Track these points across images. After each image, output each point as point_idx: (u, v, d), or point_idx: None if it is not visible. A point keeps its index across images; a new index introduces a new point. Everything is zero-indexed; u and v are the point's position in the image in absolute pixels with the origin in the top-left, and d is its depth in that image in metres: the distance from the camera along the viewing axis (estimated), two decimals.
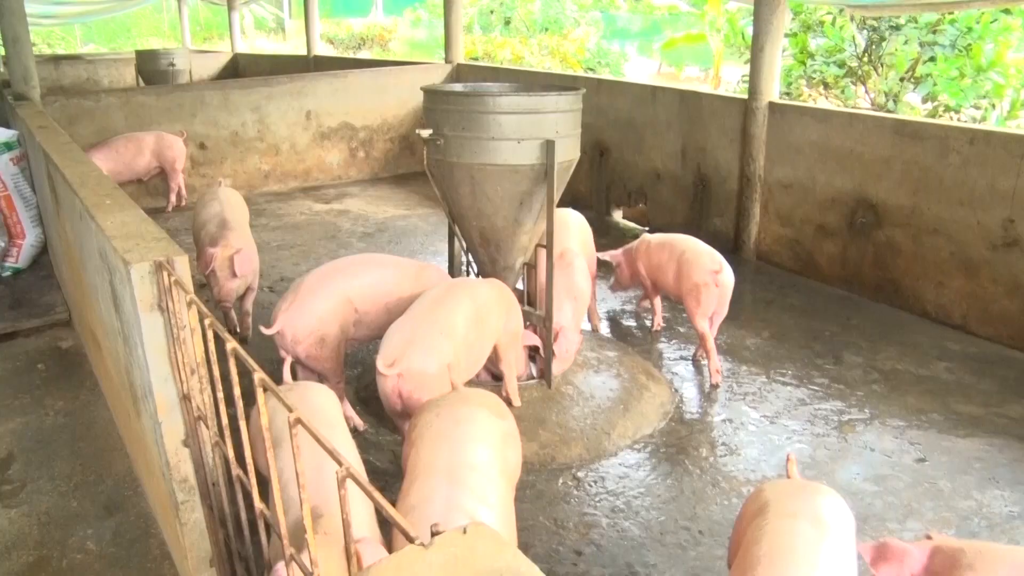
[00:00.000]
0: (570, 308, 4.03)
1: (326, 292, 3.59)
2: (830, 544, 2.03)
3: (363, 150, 9.07)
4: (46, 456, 3.60)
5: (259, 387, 1.52)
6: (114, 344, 2.77)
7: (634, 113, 7.09)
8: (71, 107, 7.36)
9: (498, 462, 2.42)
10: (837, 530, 2.09)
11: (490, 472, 2.33)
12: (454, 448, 2.39)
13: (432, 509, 2.16)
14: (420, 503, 2.20)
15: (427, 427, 2.54)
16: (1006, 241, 4.58)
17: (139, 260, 2.01)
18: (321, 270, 3.74)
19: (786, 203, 5.87)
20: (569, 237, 4.33)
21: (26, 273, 5.70)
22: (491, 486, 2.28)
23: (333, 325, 3.57)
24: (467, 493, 2.20)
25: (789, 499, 2.19)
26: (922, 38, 8.02)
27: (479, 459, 2.36)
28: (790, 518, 2.10)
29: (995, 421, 3.86)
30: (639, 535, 3.08)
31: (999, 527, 3.10)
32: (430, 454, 2.39)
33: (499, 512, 2.23)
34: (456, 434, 2.45)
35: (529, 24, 18.51)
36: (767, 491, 2.28)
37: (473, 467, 2.31)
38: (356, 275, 3.73)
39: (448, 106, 3.58)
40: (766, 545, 2.04)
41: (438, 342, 3.15)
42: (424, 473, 2.32)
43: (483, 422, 2.54)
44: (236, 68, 14.18)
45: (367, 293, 3.71)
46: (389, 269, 3.85)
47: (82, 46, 24.58)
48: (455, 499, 2.18)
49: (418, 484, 2.28)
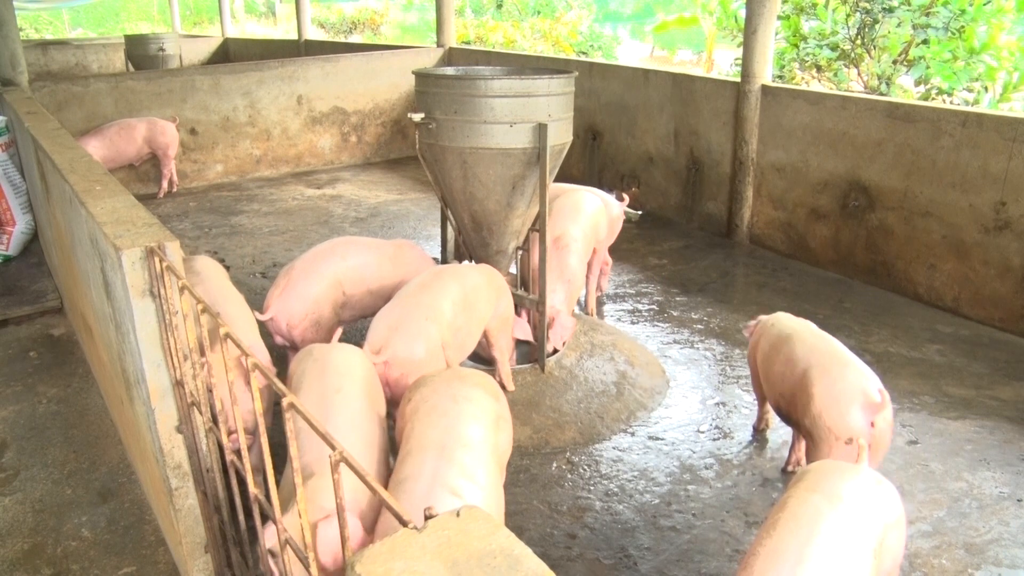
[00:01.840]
0: (562, 291, 4.04)
1: (317, 275, 3.61)
2: (838, 520, 2.03)
3: (355, 135, 9.03)
4: (39, 444, 3.59)
5: (251, 371, 1.51)
6: (106, 331, 2.76)
7: (627, 96, 7.06)
8: (60, 92, 7.29)
9: (490, 442, 2.43)
10: (855, 510, 2.07)
11: (481, 451, 2.34)
12: (448, 424, 2.39)
13: (419, 485, 2.17)
14: (408, 478, 2.21)
15: (422, 402, 2.54)
16: (997, 224, 4.59)
17: (130, 246, 1.99)
18: (308, 255, 3.76)
19: (779, 186, 5.87)
20: (573, 220, 4.30)
21: (16, 260, 5.66)
22: (480, 465, 2.29)
23: (326, 307, 3.60)
24: (455, 470, 2.20)
25: (822, 477, 2.19)
26: (915, 20, 7.99)
27: (472, 437, 2.36)
28: (809, 492, 2.13)
29: (986, 403, 3.89)
30: (633, 518, 3.09)
31: (989, 508, 3.12)
32: (424, 429, 2.40)
33: (487, 492, 2.24)
34: (451, 411, 2.46)
35: (521, 7, 18.40)
36: (812, 468, 2.28)
37: (465, 445, 2.31)
38: (344, 257, 3.76)
39: (440, 90, 3.56)
40: (777, 515, 2.10)
41: (424, 327, 3.13)
42: (416, 448, 2.32)
43: (478, 401, 2.54)
44: (226, 53, 14.08)
45: (354, 275, 3.75)
46: (371, 250, 3.89)
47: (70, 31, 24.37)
48: (442, 476, 2.18)
49: (410, 460, 2.29)
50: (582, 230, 4.32)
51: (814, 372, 2.82)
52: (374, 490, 1.17)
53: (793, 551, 1.97)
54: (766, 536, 2.06)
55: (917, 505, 3.14)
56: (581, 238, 4.27)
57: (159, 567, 2.83)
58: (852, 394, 2.72)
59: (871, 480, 2.20)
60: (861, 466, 2.27)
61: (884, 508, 2.15)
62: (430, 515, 1.10)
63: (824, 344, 2.96)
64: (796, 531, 2.02)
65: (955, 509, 3.12)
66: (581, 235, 4.29)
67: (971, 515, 3.08)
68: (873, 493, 2.16)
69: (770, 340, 3.15)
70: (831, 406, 2.73)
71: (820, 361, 2.85)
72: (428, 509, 1.11)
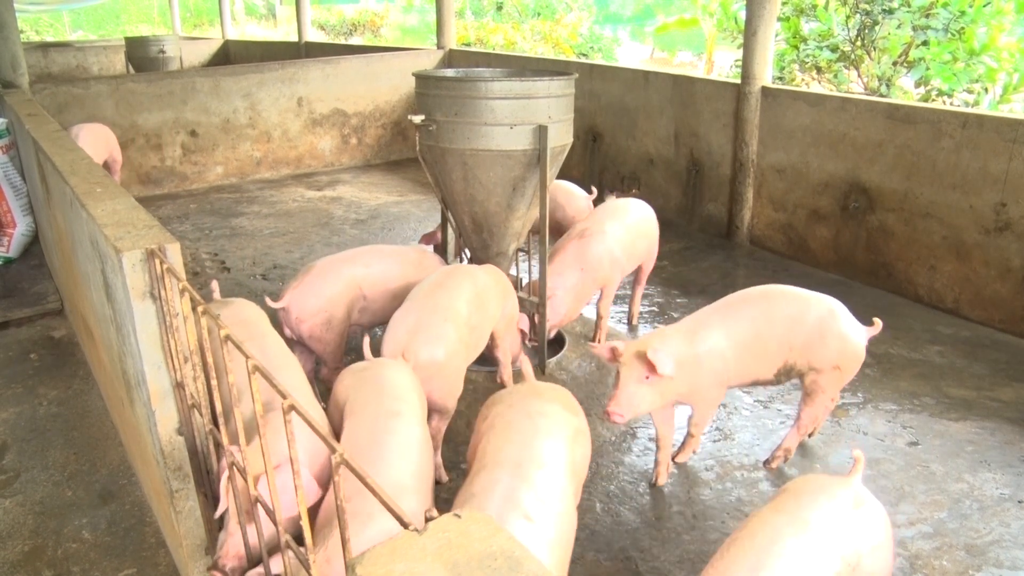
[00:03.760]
0: (574, 277, 4.01)
1: (336, 275, 3.63)
2: (796, 545, 1.98)
3: (355, 136, 9.04)
4: (40, 446, 3.59)
5: (251, 373, 1.51)
6: (107, 332, 2.76)
7: (627, 98, 7.07)
8: (60, 95, 7.30)
9: (567, 459, 2.36)
10: (819, 535, 2.02)
11: (557, 469, 2.27)
12: (524, 442, 2.33)
13: (490, 501, 2.11)
14: (479, 493, 2.15)
15: (498, 418, 2.49)
16: (998, 225, 4.59)
17: (130, 248, 2.00)
18: (333, 256, 3.79)
19: (779, 188, 5.87)
20: (611, 217, 4.25)
21: (17, 262, 5.67)
22: (555, 484, 2.22)
23: (340, 307, 3.60)
24: (528, 488, 2.14)
25: (793, 497, 2.15)
26: (915, 22, 8.00)
27: (547, 455, 2.29)
28: (774, 512, 2.10)
29: (987, 404, 3.88)
30: (633, 520, 3.09)
31: (990, 509, 3.12)
32: (499, 445, 2.34)
33: (560, 511, 2.17)
34: (527, 428, 2.39)
35: (521, 9, 18.43)
36: (791, 485, 2.24)
37: (540, 463, 2.25)
38: (367, 264, 3.77)
39: (440, 91, 3.57)
40: (737, 533, 2.09)
41: (443, 329, 3.11)
42: (491, 464, 2.26)
43: (555, 417, 2.48)
44: (227, 55, 14.09)
45: (376, 280, 3.75)
46: (393, 257, 3.89)
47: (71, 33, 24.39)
48: (515, 494, 2.12)
49: (483, 475, 2.23)
50: (618, 227, 4.23)
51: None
52: (373, 490, 1.17)
53: (744, 573, 1.94)
54: (719, 556, 2.03)
55: (918, 506, 3.13)
56: (611, 232, 4.17)
57: (160, 569, 2.83)
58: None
59: (848, 503, 2.14)
60: (847, 483, 2.22)
61: (860, 533, 2.09)
62: (430, 517, 1.10)
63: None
64: (749, 552, 1.98)
65: (956, 510, 3.12)
66: (612, 230, 4.19)
67: (972, 516, 3.08)
68: (847, 517, 2.10)
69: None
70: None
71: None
72: (428, 511, 1.12)
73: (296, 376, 2.75)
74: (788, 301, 3.19)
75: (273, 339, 2.99)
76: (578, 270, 4.03)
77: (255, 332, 2.97)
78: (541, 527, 2.07)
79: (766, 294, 3.25)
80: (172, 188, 8.03)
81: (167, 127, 7.87)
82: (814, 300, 3.18)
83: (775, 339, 3.13)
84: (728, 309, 3.22)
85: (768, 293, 3.25)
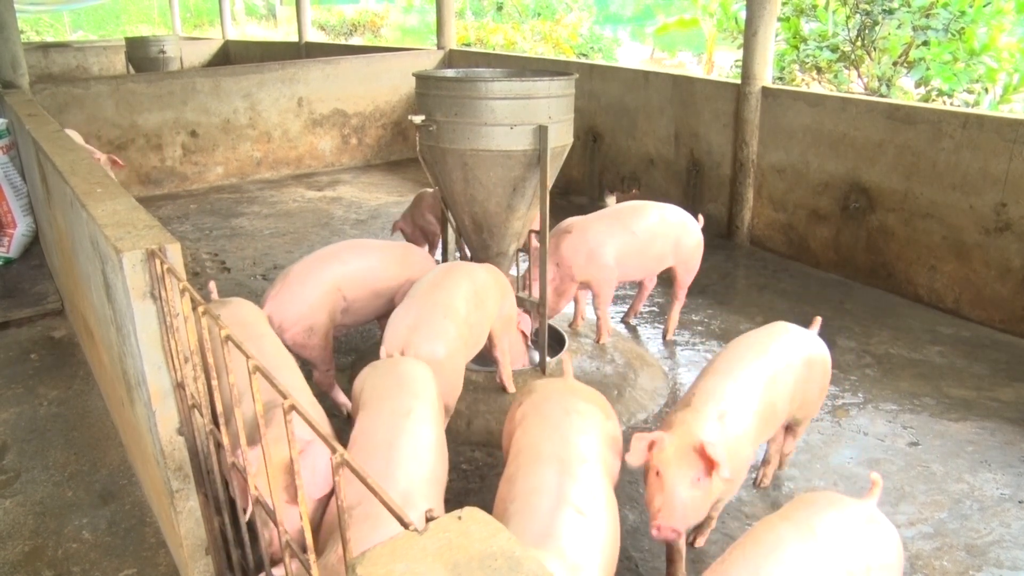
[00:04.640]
0: (551, 271, 3.99)
1: (315, 281, 3.55)
2: (800, 552, 1.96)
3: (355, 137, 9.04)
4: (40, 446, 3.59)
5: (252, 374, 1.51)
6: (107, 333, 2.76)
7: (627, 98, 7.07)
8: (60, 95, 7.31)
9: (604, 461, 2.33)
10: (826, 544, 1.99)
11: (598, 468, 2.25)
12: (565, 437, 2.29)
13: (544, 501, 2.08)
14: (530, 493, 2.12)
15: (534, 408, 2.46)
16: (998, 225, 4.59)
17: (131, 248, 2.00)
18: (309, 258, 3.70)
19: (779, 188, 5.87)
20: (598, 219, 4.22)
21: (17, 263, 5.67)
22: (600, 483, 2.19)
23: (322, 314, 3.54)
24: (578, 486, 2.11)
25: (802, 506, 2.13)
26: (915, 22, 8.00)
27: (590, 453, 2.26)
28: (781, 519, 2.09)
29: (987, 404, 3.88)
30: (633, 520, 3.09)
31: (991, 509, 3.12)
32: (537, 440, 2.30)
33: (609, 511, 2.14)
34: (566, 424, 2.35)
35: (521, 10, 18.42)
36: (803, 497, 2.21)
37: (584, 460, 2.21)
38: (345, 262, 3.69)
39: (440, 92, 3.56)
40: (746, 536, 2.08)
41: (443, 326, 3.10)
42: (534, 460, 2.23)
43: (593, 417, 2.46)
44: (227, 55, 14.09)
45: (355, 280, 3.68)
46: (375, 254, 3.82)
47: (71, 33, 24.39)
48: (567, 492, 2.10)
49: (525, 470, 2.20)
50: (613, 226, 4.19)
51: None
52: (375, 492, 1.17)
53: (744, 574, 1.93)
54: (721, 559, 2.02)
55: (918, 507, 3.13)
56: (596, 230, 4.14)
57: (160, 569, 2.83)
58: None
59: (860, 518, 2.10)
60: (864, 502, 2.18)
61: (870, 547, 2.05)
62: (431, 517, 1.10)
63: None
64: (751, 555, 1.98)
65: (956, 511, 3.12)
66: (599, 228, 4.16)
67: (972, 517, 3.08)
68: (858, 530, 2.06)
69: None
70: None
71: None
72: (429, 511, 1.11)
73: (295, 376, 2.75)
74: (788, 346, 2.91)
75: (271, 339, 2.98)
76: (553, 265, 4.03)
77: (253, 332, 2.97)
78: (593, 520, 2.07)
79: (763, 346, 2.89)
80: (172, 188, 8.03)
81: (167, 127, 7.87)
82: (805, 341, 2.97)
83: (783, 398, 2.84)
84: (739, 372, 2.72)
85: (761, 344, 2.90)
